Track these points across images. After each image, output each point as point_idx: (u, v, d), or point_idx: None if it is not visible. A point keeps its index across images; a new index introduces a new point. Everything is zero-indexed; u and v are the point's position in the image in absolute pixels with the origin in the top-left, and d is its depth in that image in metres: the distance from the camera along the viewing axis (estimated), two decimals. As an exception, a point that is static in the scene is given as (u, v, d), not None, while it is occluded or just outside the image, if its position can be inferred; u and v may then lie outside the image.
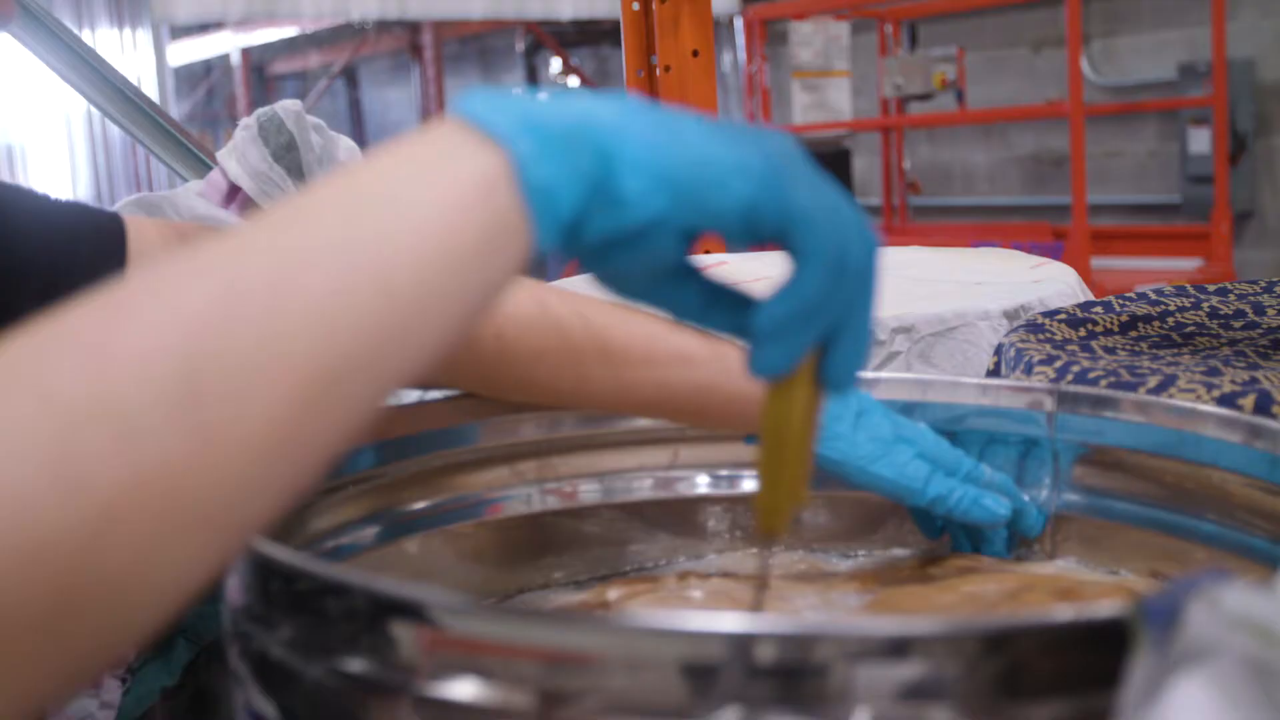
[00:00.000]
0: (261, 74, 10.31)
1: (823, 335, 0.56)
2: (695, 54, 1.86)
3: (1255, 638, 0.44)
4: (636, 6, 1.90)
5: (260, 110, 1.12)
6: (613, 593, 0.85)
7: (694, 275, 0.58)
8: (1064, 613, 0.55)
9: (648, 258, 0.54)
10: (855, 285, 0.56)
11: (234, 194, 1.13)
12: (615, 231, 0.52)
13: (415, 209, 0.48)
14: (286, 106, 1.12)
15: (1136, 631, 0.46)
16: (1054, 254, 4.09)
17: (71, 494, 0.38)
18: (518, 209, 0.49)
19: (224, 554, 0.44)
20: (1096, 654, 0.54)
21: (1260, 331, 1.15)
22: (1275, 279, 1.36)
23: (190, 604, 0.88)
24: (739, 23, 6.80)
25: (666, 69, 1.88)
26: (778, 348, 0.56)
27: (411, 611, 0.60)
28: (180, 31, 7.66)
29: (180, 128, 1.57)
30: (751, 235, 0.54)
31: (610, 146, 0.51)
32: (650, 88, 1.93)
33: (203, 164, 1.65)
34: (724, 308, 0.58)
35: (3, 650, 0.38)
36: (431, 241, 0.47)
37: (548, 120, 0.50)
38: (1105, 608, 0.54)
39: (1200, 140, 5.93)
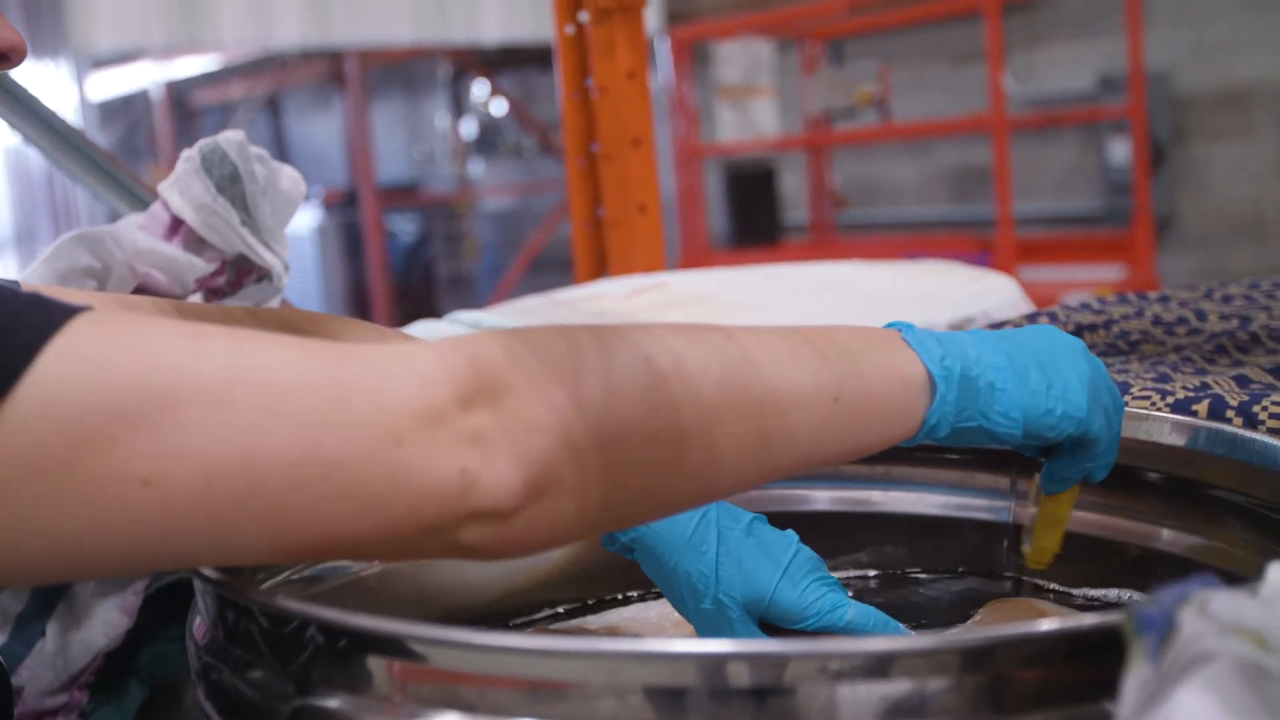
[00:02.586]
0: (183, 106, 10.20)
1: None
2: (631, 75, 1.86)
3: (1249, 642, 0.44)
4: (571, 29, 1.90)
5: (202, 142, 1.11)
6: None
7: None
8: (1046, 625, 0.55)
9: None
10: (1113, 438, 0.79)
11: (177, 227, 1.11)
12: (977, 441, 0.75)
13: (877, 368, 0.70)
14: (229, 138, 1.11)
15: (1131, 640, 0.46)
16: (981, 266, 4.12)
17: (640, 407, 0.62)
18: (919, 419, 0.72)
19: (695, 495, 0.67)
20: (1080, 666, 0.54)
21: (1204, 337, 1.16)
22: (1213, 285, 1.38)
23: (151, 642, 0.87)
24: (664, 43, 6.82)
25: (602, 91, 1.88)
26: (1065, 483, 0.81)
27: (386, 644, 0.60)
28: (100, 64, 7.57)
29: (115, 161, 1.55)
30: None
31: (987, 405, 0.73)
32: (586, 110, 1.93)
33: (136, 197, 1.63)
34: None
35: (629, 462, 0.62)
36: (877, 390, 0.70)
37: (956, 370, 0.72)
38: (1088, 620, 0.54)
39: (1120, 150, 6.01)
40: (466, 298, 9.08)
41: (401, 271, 9.42)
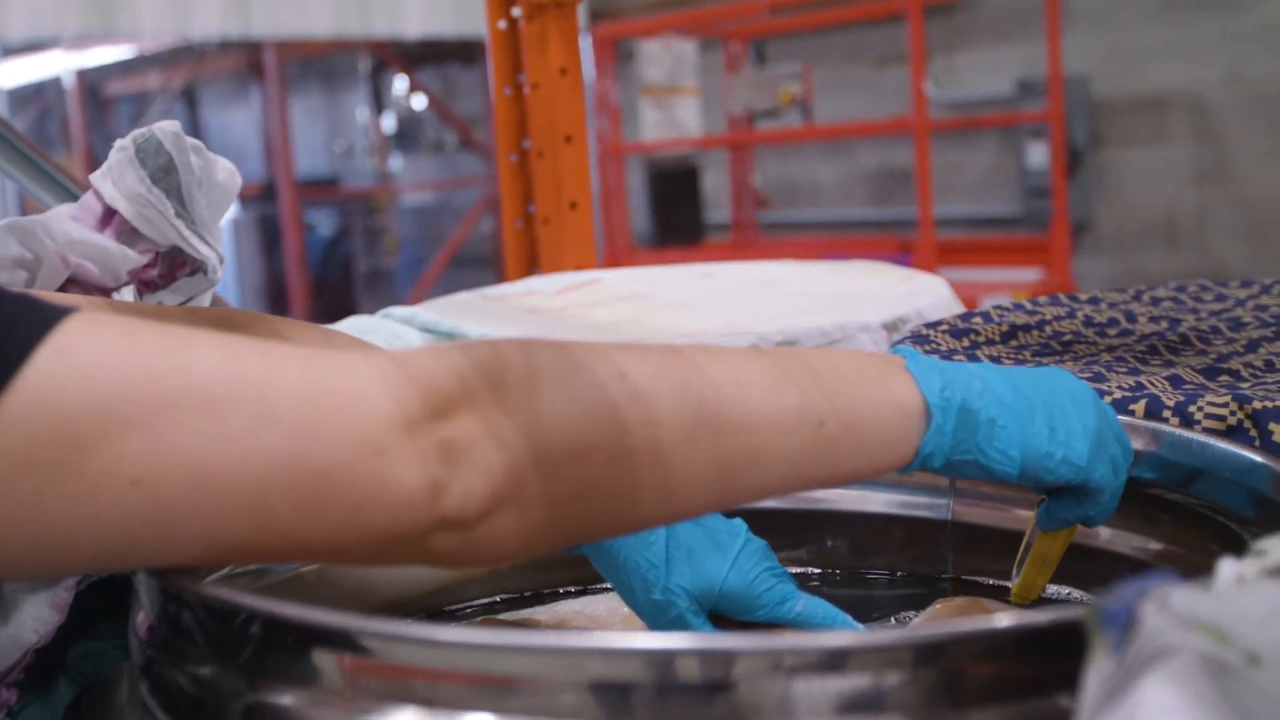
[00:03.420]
0: (96, 95, 10.04)
1: None
2: (563, 72, 1.86)
3: (1208, 636, 0.45)
4: (503, 24, 1.90)
5: (137, 131, 1.09)
6: None
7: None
8: (1003, 620, 0.55)
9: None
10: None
11: (109, 217, 1.09)
12: (973, 476, 0.75)
13: (869, 394, 0.70)
14: (164, 128, 1.09)
15: (1093, 635, 0.46)
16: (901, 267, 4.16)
17: (600, 428, 0.63)
18: (912, 448, 0.71)
19: (656, 516, 0.68)
20: (1035, 661, 0.55)
21: (1135, 338, 1.18)
22: (1142, 287, 1.40)
23: (81, 639, 0.86)
24: (586, 41, 6.82)
25: (535, 87, 1.88)
26: (1062, 524, 0.81)
27: (340, 639, 0.59)
28: (11, 51, 7.44)
29: (40, 150, 1.52)
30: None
31: (985, 440, 0.73)
32: (518, 106, 1.92)
33: (61, 187, 1.60)
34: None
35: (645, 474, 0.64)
36: (866, 416, 0.69)
37: (955, 402, 0.71)
38: (1043, 616, 0.55)
39: (1038, 154, 6.09)
40: (385, 293, 9.02)
41: (319, 266, 9.34)
